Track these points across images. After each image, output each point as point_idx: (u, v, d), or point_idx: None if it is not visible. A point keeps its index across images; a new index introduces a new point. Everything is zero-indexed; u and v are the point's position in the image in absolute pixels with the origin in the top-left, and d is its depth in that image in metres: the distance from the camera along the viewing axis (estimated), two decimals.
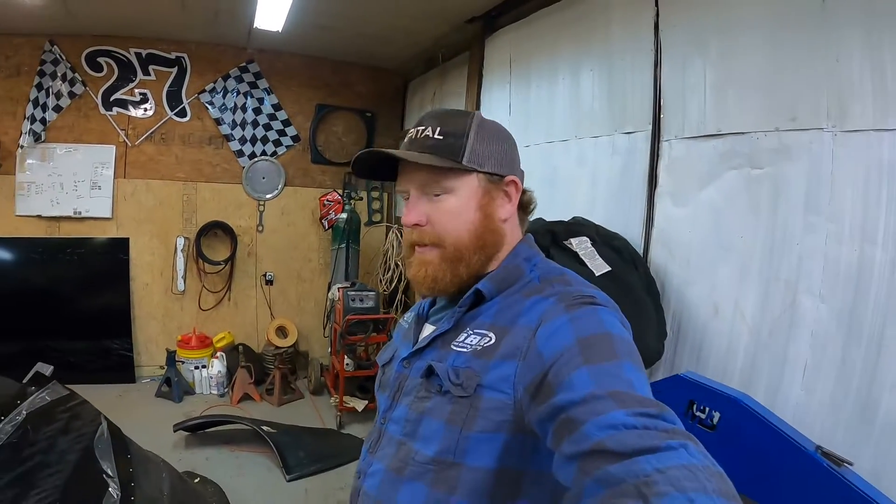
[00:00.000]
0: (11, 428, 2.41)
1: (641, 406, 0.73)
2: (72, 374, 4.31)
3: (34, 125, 4.99)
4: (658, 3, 2.52)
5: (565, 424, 0.76)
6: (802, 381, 1.88)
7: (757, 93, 2.07)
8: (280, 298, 5.78)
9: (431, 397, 1.03)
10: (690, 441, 0.67)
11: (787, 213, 1.96)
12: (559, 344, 0.88)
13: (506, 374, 0.95)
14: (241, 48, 5.35)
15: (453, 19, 4.09)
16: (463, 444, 0.96)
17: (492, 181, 1.10)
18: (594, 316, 0.93)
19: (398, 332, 1.30)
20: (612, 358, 0.83)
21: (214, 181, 5.54)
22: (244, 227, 5.63)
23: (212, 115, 5.43)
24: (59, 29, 4.89)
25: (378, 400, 1.22)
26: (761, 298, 2.06)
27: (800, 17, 1.91)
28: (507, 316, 1.03)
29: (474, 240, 1.08)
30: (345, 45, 5.15)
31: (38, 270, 5.08)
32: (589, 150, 3.02)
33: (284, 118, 5.60)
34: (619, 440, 0.68)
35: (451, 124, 1.09)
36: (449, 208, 1.08)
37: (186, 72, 5.35)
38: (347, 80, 5.73)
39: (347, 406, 4.55)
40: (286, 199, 5.72)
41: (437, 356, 1.07)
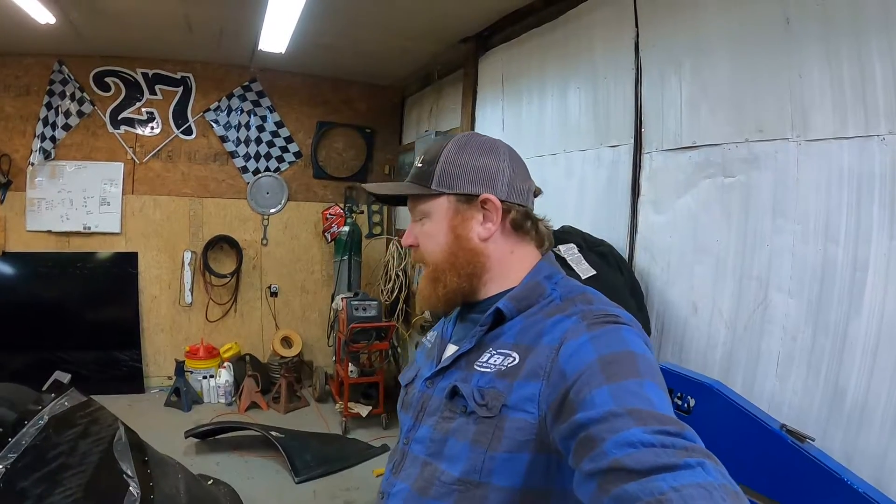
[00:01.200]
0: (35, 431, 2.52)
1: (661, 424, 0.73)
2: (82, 385, 4.34)
3: (44, 143, 5.12)
4: (638, 24, 2.68)
5: (585, 442, 0.77)
6: (776, 371, 2.02)
7: (727, 107, 2.22)
8: (285, 310, 5.90)
9: (456, 417, 1.03)
10: (709, 459, 0.67)
11: (757, 217, 2.10)
12: (581, 362, 0.89)
13: (530, 393, 0.95)
14: (244, 68, 5.50)
15: (447, 39, 4.25)
16: (489, 465, 0.96)
17: (464, 201, 1.11)
18: (616, 334, 0.93)
19: (421, 351, 1.31)
20: (633, 376, 0.83)
21: (220, 196, 5.68)
22: (249, 240, 5.76)
23: (217, 133, 5.58)
24: (68, 50, 5.05)
25: (400, 420, 1.22)
26: (736, 296, 2.20)
27: (765, 35, 2.05)
28: (529, 335, 1.03)
29: (448, 259, 1.11)
30: (344, 64, 5.30)
31: (50, 284, 5.22)
32: (576, 162, 3.17)
33: (287, 135, 5.74)
34: (636, 458, 0.68)
35: (431, 151, 1.14)
36: (427, 231, 1.13)
37: (192, 91, 5.50)
38: (347, 98, 5.88)
39: (352, 412, 4.69)
40: (289, 214, 5.85)
41: (461, 376, 1.07)
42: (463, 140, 1.13)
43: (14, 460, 2.32)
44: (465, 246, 1.10)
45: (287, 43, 4.33)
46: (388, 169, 6.01)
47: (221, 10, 4.06)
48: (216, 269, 5.60)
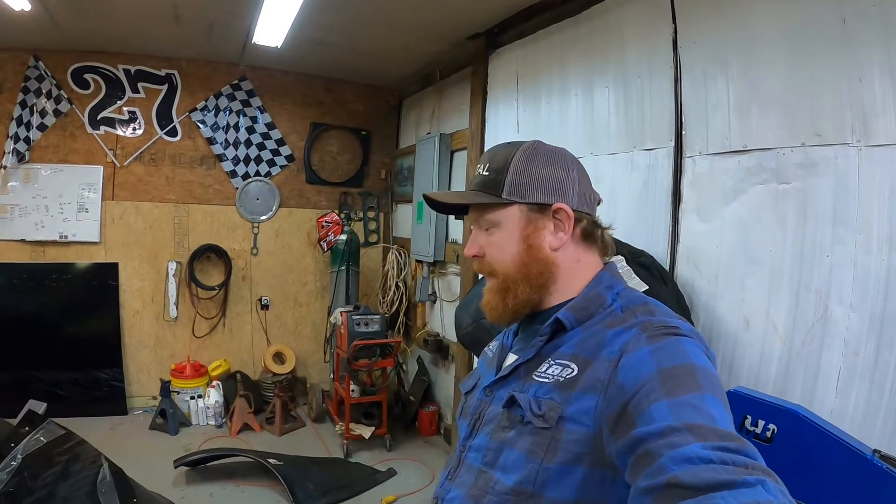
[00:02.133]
0: (7, 475, 2.43)
1: (721, 440, 0.74)
2: (60, 407, 4.30)
3: (17, 144, 4.98)
4: (675, 20, 2.66)
5: (642, 457, 0.78)
6: (837, 387, 2.01)
7: (781, 109, 2.20)
8: (276, 323, 5.83)
9: (513, 427, 1.06)
10: (769, 478, 0.68)
11: (816, 226, 2.09)
12: (640, 375, 0.90)
13: (587, 406, 0.97)
14: (234, 65, 5.44)
15: (454, 36, 4.23)
16: (543, 476, 0.99)
17: (536, 210, 1.14)
18: (677, 346, 0.94)
19: (482, 360, 1.35)
20: (694, 390, 0.84)
21: (206, 203, 5.60)
22: (238, 250, 5.69)
23: (203, 135, 5.49)
24: (45, 44, 4.94)
25: (459, 427, 1.26)
26: (793, 309, 2.18)
27: (821, 35, 2.04)
28: (588, 347, 1.05)
29: (520, 269, 1.13)
30: (340, 63, 5.27)
31: (23, 297, 5.07)
32: (606, 166, 3.13)
33: (278, 137, 5.69)
34: (694, 474, 0.69)
35: (497, 159, 1.16)
36: (496, 241, 1.15)
37: (177, 89, 5.42)
38: (341, 98, 5.85)
39: (354, 433, 4.63)
40: (281, 221, 5.79)
41: (519, 386, 1.10)
42: (530, 149, 1.15)
43: None
44: (536, 256, 1.13)
45: (284, 36, 4.28)
46: (385, 173, 5.97)
47: (213, 1, 3.98)
48: (203, 281, 5.51)
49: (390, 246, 5.66)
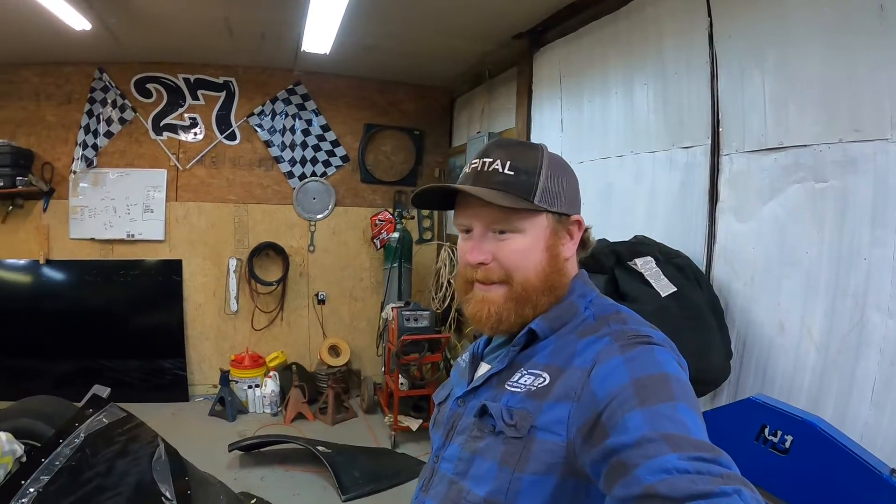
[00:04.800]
0: (70, 451, 2.53)
1: (696, 450, 0.73)
2: (126, 393, 4.51)
3: (86, 151, 5.24)
4: (711, 13, 2.53)
5: (617, 468, 0.76)
6: (871, 399, 1.86)
7: (818, 104, 2.06)
8: (332, 318, 5.91)
9: (484, 437, 1.04)
10: (745, 487, 0.67)
11: (854, 227, 1.94)
12: (613, 385, 0.88)
13: (560, 415, 0.95)
14: (288, 71, 5.54)
15: (499, 36, 4.17)
16: (515, 486, 0.96)
17: (560, 221, 1.10)
18: (650, 356, 0.92)
19: (455, 370, 1.31)
20: (667, 399, 0.83)
21: (265, 202, 5.72)
22: (296, 247, 5.79)
23: (261, 138, 5.63)
24: (108, 57, 5.17)
25: (432, 438, 1.23)
26: (829, 315, 2.04)
27: (859, 25, 1.90)
28: (561, 356, 1.02)
29: (542, 280, 1.08)
30: (391, 65, 5.28)
31: (94, 292, 5.35)
32: (646, 165, 3.03)
33: (333, 139, 5.75)
34: (670, 484, 0.68)
35: (522, 159, 1.08)
36: (517, 248, 1.07)
37: (235, 95, 5.58)
38: (395, 99, 5.86)
39: (402, 425, 4.64)
40: (337, 219, 5.86)
41: (492, 396, 1.07)
42: (548, 154, 1.11)
43: (47, 482, 2.31)
44: (556, 266, 1.09)
45: (331, 43, 4.32)
46: (439, 172, 5.95)
47: (262, 13, 4.08)
48: (262, 277, 5.64)
49: (443, 243, 5.63)
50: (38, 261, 5.28)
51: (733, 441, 1.73)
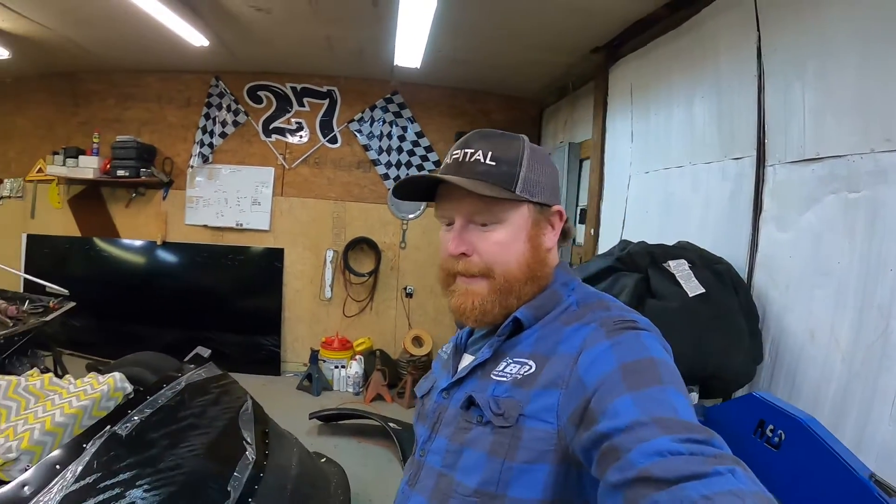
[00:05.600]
0: (171, 394, 2.80)
1: (688, 432, 0.71)
2: (224, 363, 4.77)
3: (203, 149, 5.74)
4: (759, 27, 2.48)
5: (610, 452, 0.74)
6: (891, 413, 1.76)
7: (852, 113, 1.98)
8: (418, 311, 6.06)
9: (472, 428, 1.00)
10: (739, 466, 0.65)
11: (883, 238, 1.85)
12: (601, 370, 0.86)
13: (549, 403, 0.92)
14: (386, 81, 5.73)
15: (577, 50, 4.18)
16: (506, 476, 0.93)
17: (541, 211, 1.07)
18: (636, 341, 0.90)
19: (437, 362, 1.28)
20: (655, 383, 0.81)
21: (362, 201, 5.97)
22: (388, 243, 6.00)
23: (360, 142, 5.89)
24: (224, 67, 5.65)
25: (416, 432, 1.19)
26: (856, 325, 1.95)
27: (892, 32, 1.81)
28: (546, 344, 1.00)
29: (525, 271, 1.05)
30: (480, 77, 5.37)
31: (203, 272, 5.81)
32: (702, 176, 2.98)
33: (427, 145, 5.91)
34: (664, 467, 0.65)
35: (503, 149, 1.05)
36: (498, 239, 1.04)
37: (337, 103, 5.87)
38: (485, 109, 5.94)
39: None
40: (427, 220, 5.99)
41: (477, 386, 1.04)
42: (528, 144, 1.08)
43: (149, 415, 2.61)
44: (538, 257, 1.07)
45: (420, 58, 4.46)
46: None
47: (358, 31, 4.34)
48: (356, 268, 5.89)
49: None
50: (156, 242, 5.85)
51: (734, 433, 1.71)
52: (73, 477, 2.23)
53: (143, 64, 5.66)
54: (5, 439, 2.42)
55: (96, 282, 5.66)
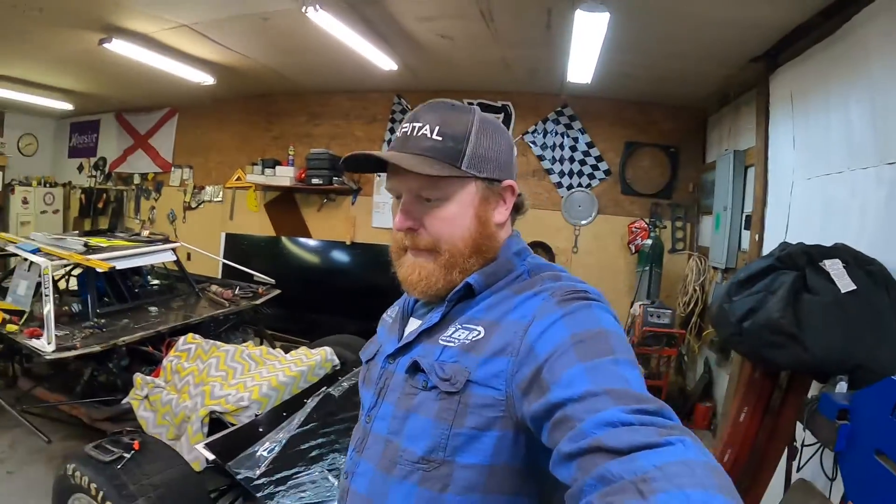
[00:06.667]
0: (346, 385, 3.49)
1: (638, 403, 0.73)
2: None
3: None
4: None
5: (562, 422, 0.76)
6: None
7: None
8: None
9: (417, 393, 1.01)
10: (688, 436, 0.67)
11: None
12: (553, 340, 0.88)
13: (497, 370, 0.94)
14: (557, 95, 6.10)
15: (737, 60, 4.27)
16: (453, 442, 0.95)
17: (490, 187, 1.08)
18: (587, 311, 0.93)
19: (382, 326, 1.30)
20: (607, 354, 0.83)
21: (537, 208, 6.36)
22: (561, 247, 6.38)
23: (535, 153, 6.33)
24: (405, 86, 6.43)
25: (362, 397, 1.20)
26: None
27: None
28: (497, 311, 1.02)
29: (470, 245, 1.07)
30: (645, 88, 5.58)
31: (386, 271, 6.72)
32: (859, 181, 3.01)
33: (597, 154, 6.20)
34: (616, 437, 0.67)
35: (451, 124, 1.06)
36: (444, 215, 1.06)
37: (512, 116, 6.36)
38: (652, 119, 6.10)
39: None
40: (598, 226, 6.30)
41: (423, 351, 1.05)
42: (480, 117, 1.09)
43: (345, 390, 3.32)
44: (486, 232, 1.09)
45: (591, 75, 4.81)
46: (692, 187, 6.04)
47: (533, 53, 4.78)
48: None
49: (693, 253, 5.76)
50: (345, 242, 6.78)
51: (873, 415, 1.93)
52: (297, 423, 2.94)
53: (332, 85, 6.65)
54: (237, 391, 3.23)
55: (286, 275, 6.11)
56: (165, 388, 3.53)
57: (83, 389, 3.96)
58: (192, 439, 3.03)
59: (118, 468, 2.61)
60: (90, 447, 2.74)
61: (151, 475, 2.63)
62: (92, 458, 2.68)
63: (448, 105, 1.10)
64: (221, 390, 3.29)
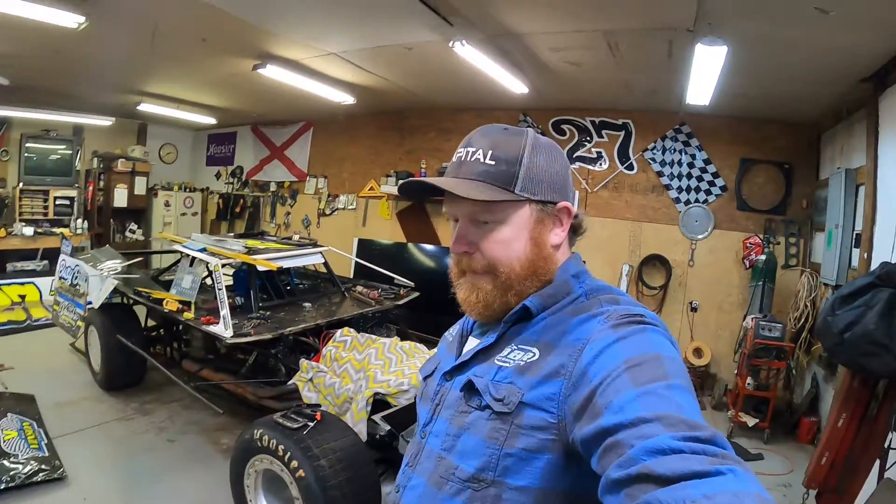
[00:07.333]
0: None
1: (691, 430, 0.74)
2: None
3: None
4: None
5: (612, 448, 0.78)
6: None
7: None
8: (701, 325, 6.78)
9: (471, 412, 1.05)
10: (740, 466, 0.68)
11: None
12: (607, 364, 0.90)
13: (550, 392, 0.97)
14: (674, 113, 6.62)
15: (847, 81, 4.62)
16: (504, 462, 0.98)
17: (545, 209, 1.12)
18: (643, 335, 0.95)
19: (442, 344, 1.35)
20: (661, 379, 0.84)
21: (655, 222, 6.99)
22: (678, 261, 6.87)
23: (654, 169, 6.91)
24: (530, 105, 7.16)
25: (419, 413, 1.25)
26: None
27: None
28: (553, 333, 1.05)
29: (526, 268, 1.11)
30: (760, 106, 5.94)
31: None
32: None
33: (713, 171, 6.64)
34: (666, 465, 0.69)
35: (503, 147, 1.10)
36: (499, 238, 1.10)
37: (632, 134, 7.07)
38: (766, 135, 6.42)
39: (741, 420, 5.42)
40: (714, 241, 6.72)
41: (479, 371, 1.09)
42: (533, 139, 1.14)
43: None
44: (542, 254, 1.13)
45: (709, 98, 5.31)
46: (806, 203, 6.30)
47: (653, 76, 5.39)
48: (648, 282, 6.96)
49: (805, 269, 6.04)
50: None
51: None
52: None
53: (461, 104, 7.53)
54: (396, 377, 3.85)
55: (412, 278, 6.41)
56: (328, 373, 4.11)
57: (248, 371, 4.73)
58: (357, 416, 3.60)
59: (304, 434, 3.17)
60: (278, 416, 3.34)
61: (330, 441, 3.19)
62: (280, 424, 3.26)
63: (500, 129, 1.15)
64: (383, 375, 3.86)
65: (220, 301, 4.36)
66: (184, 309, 4.74)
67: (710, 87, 5.01)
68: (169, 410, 5.45)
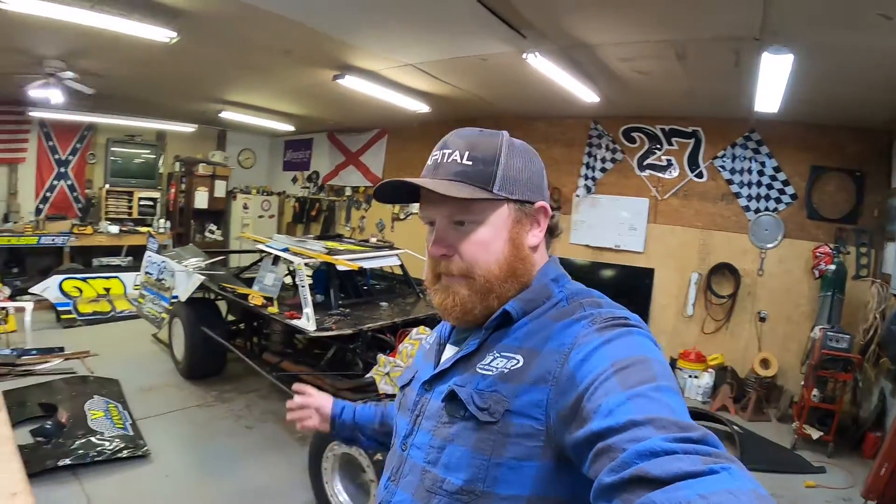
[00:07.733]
0: None
1: (682, 431, 0.76)
2: None
3: (586, 182, 7.71)
4: None
5: (604, 452, 0.80)
6: None
7: None
8: (769, 335, 6.87)
9: (455, 423, 1.06)
10: (734, 464, 0.71)
11: None
12: (594, 368, 0.92)
13: (537, 399, 0.98)
14: (744, 121, 6.71)
15: None
16: (493, 473, 0.99)
17: (522, 209, 1.14)
18: (629, 338, 0.97)
19: (419, 352, 1.35)
20: (649, 381, 0.86)
21: (725, 230, 7.15)
22: (747, 269, 7.00)
23: (723, 177, 7.06)
24: (601, 113, 7.43)
25: (397, 423, 1.25)
26: None
27: None
28: (536, 339, 1.06)
29: (505, 269, 1.12)
30: (829, 113, 6.00)
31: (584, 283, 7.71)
32: None
33: (783, 179, 6.74)
34: (660, 466, 0.71)
35: (480, 148, 1.12)
36: (478, 239, 1.11)
37: (701, 142, 7.21)
38: (836, 142, 6.53)
39: (804, 432, 5.54)
40: (784, 250, 6.82)
41: (461, 380, 1.09)
42: (509, 139, 1.16)
43: None
44: (520, 255, 1.14)
45: (778, 106, 5.47)
46: (877, 212, 6.29)
47: (721, 84, 5.55)
48: (716, 291, 7.13)
49: (875, 280, 6.05)
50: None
51: None
52: None
53: (532, 112, 7.89)
54: None
55: None
56: (404, 368, 4.08)
57: (326, 365, 5.05)
58: None
59: None
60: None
61: None
62: None
63: (476, 131, 1.16)
64: None
65: (304, 297, 4.70)
66: (268, 304, 5.13)
67: (779, 95, 5.17)
68: (247, 400, 5.87)
